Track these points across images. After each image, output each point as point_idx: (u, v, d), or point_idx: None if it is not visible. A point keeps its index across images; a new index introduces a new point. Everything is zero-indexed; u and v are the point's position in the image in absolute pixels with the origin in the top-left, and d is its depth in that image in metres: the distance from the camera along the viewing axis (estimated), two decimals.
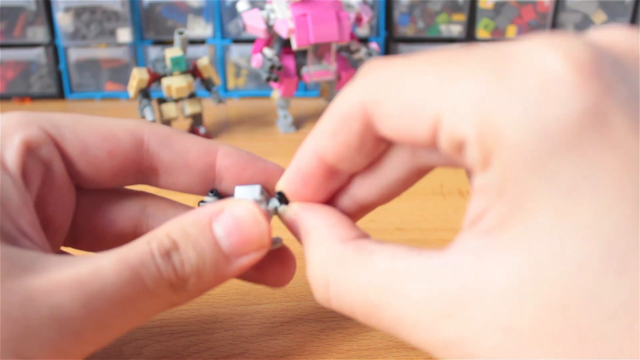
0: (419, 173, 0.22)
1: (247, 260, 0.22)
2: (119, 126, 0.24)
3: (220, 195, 0.26)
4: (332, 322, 0.29)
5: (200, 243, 0.21)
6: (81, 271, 0.19)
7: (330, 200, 0.24)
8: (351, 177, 0.23)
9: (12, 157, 0.21)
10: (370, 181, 0.23)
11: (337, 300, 0.20)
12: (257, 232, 0.22)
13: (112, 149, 0.24)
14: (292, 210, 0.23)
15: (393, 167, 0.22)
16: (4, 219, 0.20)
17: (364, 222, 0.41)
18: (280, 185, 0.24)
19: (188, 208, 0.27)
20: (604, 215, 0.15)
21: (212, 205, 0.22)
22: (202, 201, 0.26)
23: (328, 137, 0.21)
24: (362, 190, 0.23)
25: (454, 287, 0.17)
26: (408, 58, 0.19)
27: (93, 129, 0.24)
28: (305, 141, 0.23)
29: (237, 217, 0.22)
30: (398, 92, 0.18)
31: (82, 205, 0.26)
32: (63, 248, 0.26)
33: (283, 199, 0.24)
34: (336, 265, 0.20)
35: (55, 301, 0.18)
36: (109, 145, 0.24)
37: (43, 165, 0.22)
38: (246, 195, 0.25)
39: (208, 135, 0.55)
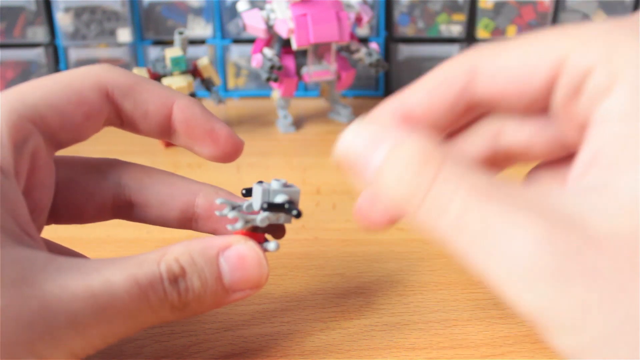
0: (494, 161, 0.23)
1: (242, 295, 0.24)
2: (85, 83, 0.24)
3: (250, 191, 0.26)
4: (332, 322, 0.29)
5: (205, 274, 0.23)
6: (94, 283, 0.20)
7: None
8: None
9: (3, 155, 0.21)
10: None
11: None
12: (258, 273, 0.24)
13: (87, 111, 0.24)
14: None
15: (469, 147, 0.23)
16: (9, 219, 0.20)
17: None
18: (345, 139, 0.21)
19: (162, 173, 0.28)
20: None
21: (221, 238, 0.23)
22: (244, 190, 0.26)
23: (423, 94, 0.22)
24: None
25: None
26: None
27: (65, 97, 0.24)
28: (389, 99, 0.23)
29: (243, 256, 0.23)
30: (516, 45, 0.20)
31: (59, 183, 0.26)
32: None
33: (291, 207, 0.24)
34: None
35: (72, 309, 0.19)
36: (84, 108, 0.24)
37: (30, 156, 0.22)
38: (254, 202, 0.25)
39: None
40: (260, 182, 0.25)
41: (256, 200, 0.25)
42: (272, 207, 0.24)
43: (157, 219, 0.28)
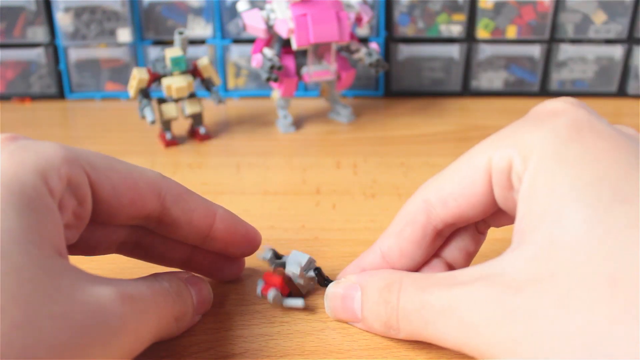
0: (480, 230, 0.29)
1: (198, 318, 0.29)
2: (142, 178, 0.26)
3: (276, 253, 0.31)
4: (332, 322, 0.29)
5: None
6: (128, 289, 0.23)
7: None
8: None
9: (56, 187, 0.23)
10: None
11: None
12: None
13: (134, 197, 0.26)
14: (348, 278, 0.28)
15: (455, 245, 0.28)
16: (60, 238, 0.22)
17: (364, 222, 0.41)
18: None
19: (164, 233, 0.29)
20: (604, 169, 0.21)
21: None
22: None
23: (395, 236, 0.27)
24: None
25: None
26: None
27: (121, 176, 0.26)
28: (369, 249, 0.28)
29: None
30: (452, 170, 0.25)
31: None
32: None
33: (321, 274, 0.30)
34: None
35: (119, 312, 0.21)
36: (132, 194, 0.26)
37: (77, 201, 0.24)
38: (296, 259, 0.30)
39: (208, 136, 0.55)
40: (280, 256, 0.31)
41: (295, 262, 0.30)
42: (320, 274, 0.30)
43: (159, 260, 0.30)
